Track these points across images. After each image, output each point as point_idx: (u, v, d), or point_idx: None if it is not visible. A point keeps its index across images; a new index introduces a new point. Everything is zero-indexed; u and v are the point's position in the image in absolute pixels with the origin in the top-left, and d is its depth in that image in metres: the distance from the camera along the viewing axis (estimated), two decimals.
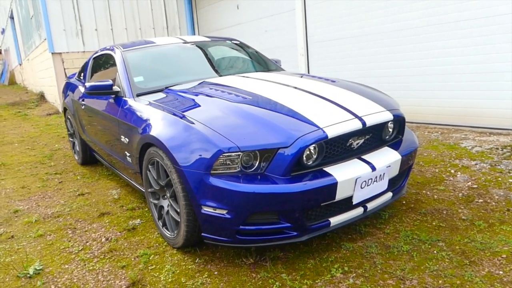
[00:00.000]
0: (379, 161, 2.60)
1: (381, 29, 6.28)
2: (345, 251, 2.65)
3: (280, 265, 2.55)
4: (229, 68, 3.94)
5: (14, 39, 19.65)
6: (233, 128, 2.48)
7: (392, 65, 6.23)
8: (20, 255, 2.96)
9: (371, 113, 2.66)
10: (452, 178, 3.71)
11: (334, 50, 7.22)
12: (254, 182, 2.33)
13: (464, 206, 3.16)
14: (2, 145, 7.17)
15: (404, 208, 3.21)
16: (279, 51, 8.57)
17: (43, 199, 4.15)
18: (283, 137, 2.37)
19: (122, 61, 3.79)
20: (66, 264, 2.78)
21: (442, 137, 5.04)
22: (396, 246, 2.65)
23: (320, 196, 2.38)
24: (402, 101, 6.08)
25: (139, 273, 2.59)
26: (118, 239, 3.09)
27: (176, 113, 2.78)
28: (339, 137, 2.51)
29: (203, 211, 2.44)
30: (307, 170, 2.45)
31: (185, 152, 2.49)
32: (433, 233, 2.79)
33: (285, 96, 2.87)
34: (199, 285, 2.42)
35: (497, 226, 2.81)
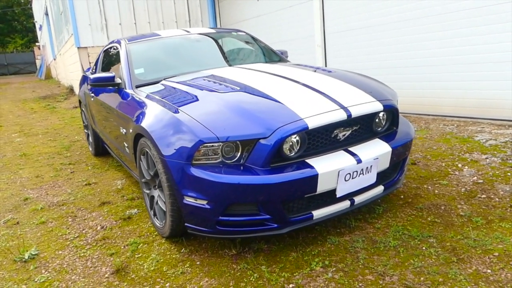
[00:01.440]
0: (366, 153, 2.52)
1: (399, 18, 6.06)
2: (330, 245, 2.60)
3: (262, 257, 2.53)
4: (230, 59, 3.92)
5: (49, 35, 20.45)
6: (216, 119, 2.47)
7: (409, 55, 6.01)
8: (20, 240, 3.09)
9: (358, 104, 2.58)
10: (458, 172, 3.55)
11: (352, 40, 7.05)
12: (233, 173, 2.32)
13: (465, 201, 3.02)
14: (28, 136, 7.49)
15: (400, 203, 3.11)
16: (296, 42, 8.47)
17: (53, 188, 4.31)
18: (262, 127, 2.34)
19: (125, 53, 3.85)
20: (60, 250, 2.88)
21: (457, 130, 4.83)
22: (384, 241, 2.57)
23: (299, 188, 2.34)
24: (419, 92, 5.89)
25: (125, 261, 2.65)
26: (113, 228, 3.17)
27: (166, 104, 2.80)
28: (322, 128, 2.45)
29: (185, 201, 2.46)
30: (288, 162, 2.41)
31: (168, 142, 2.50)
32: (426, 229, 2.69)
33: (274, 87, 2.83)
34: (179, 274, 2.44)
35: (496, 223, 2.67)
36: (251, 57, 4.12)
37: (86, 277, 2.51)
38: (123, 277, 2.46)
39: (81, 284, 2.44)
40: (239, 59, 3.99)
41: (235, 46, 4.36)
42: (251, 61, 3.99)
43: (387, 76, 6.43)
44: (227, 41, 4.40)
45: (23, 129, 8.20)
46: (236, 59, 3.98)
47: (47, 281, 2.50)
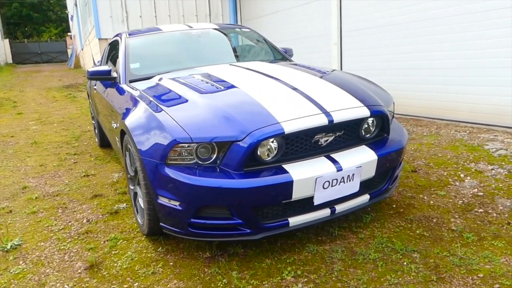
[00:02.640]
0: (347, 161, 2.41)
1: (416, 17, 5.82)
2: (307, 253, 2.50)
3: (235, 262, 2.47)
4: (228, 57, 3.85)
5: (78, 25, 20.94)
6: (193, 119, 2.42)
7: (426, 56, 5.76)
8: (8, 229, 3.14)
9: (342, 109, 2.46)
10: (459, 183, 3.36)
11: (369, 39, 6.84)
12: (204, 175, 2.26)
13: (460, 215, 2.85)
14: (44, 124, 7.67)
15: (391, 213, 2.97)
16: (313, 40, 8.30)
17: (53, 177, 4.38)
18: (237, 130, 2.27)
19: (124, 47, 3.84)
20: (42, 242, 2.91)
21: (468, 137, 4.59)
22: (364, 253, 2.45)
23: (272, 194, 2.25)
24: (434, 96, 5.66)
25: (101, 257, 2.64)
26: (98, 222, 3.17)
27: (151, 102, 2.75)
28: (302, 133, 2.35)
29: (159, 200, 2.42)
30: (264, 166, 2.33)
31: (145, 140, 2.47)
32: (412, 242, 2.55)
33: (260, 88, 2.74)
34: (150, 274, 2.41)
35: (488, 241, 2.50)
36: (251, 54, 4.04)
37: (60, 271, 2.52)
38: (95, 274, 2.45)
39: (53, 278, 2.44)
40: (238, 56, 3.91)
41: (237, 43, 4.28)
42: (250, 59, 3.91)
43: (403, 78, 6.21)
44: (229, 38, 4.33)
45: (41, 117, 8.41)
46: (235, 56, 3.90)
47: (21, 272, 2.52)
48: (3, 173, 4.66)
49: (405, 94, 6.20)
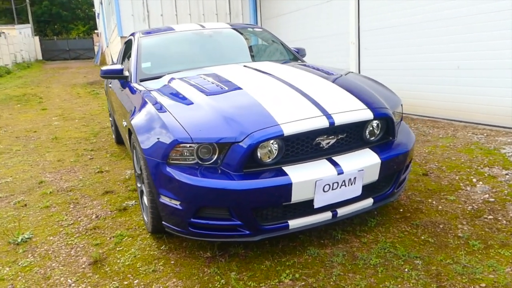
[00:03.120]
0: (349, 164, 2.37)
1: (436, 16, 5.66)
2: (308, 256, 2.49)
3: (235, 262, 2.48)
4: (238, 56, 3.85)
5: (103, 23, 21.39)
6: (195, 120, 2.44)
7: (446, 56, 5.61)
8: (21, 223, 3.25)
9: (345, 111, 2.42)
10: (470, 188, 3.27)
11: (387, 38, 6.71)
12: (204, 175, 2.28)
13: (468, 221, 2.77)
14: (66, 120, 7.89)
15: (397, 217, 2.92)
16: (331, 39, 8.21)
17: (68, 173, 4.50)
18: (237, 132, 2.27)
19: (136, 46, 3.91)
20: (52, 236, 3.00)
21: (484, 140, 4.45)
22: (365, 258, 2.42)
23: (271, 196, 2.25)
24: (451, 97, 5.51)
25: (105, 253, 2.70)
26: (106, 218, 3.24)
27: (156, 102, 2.79)
28: (302, 135, 2.33)
29: (161, 199, 2.45)
30: (264, 168, 2.33)
31: (149, 139, 2.50)
32: (416, 248, 2.50)
33: (263, 89, 2.74)
34: (150, 272, 2.45)
35: (495, 249, 2.43)
36: (262, 54, 4.04)
37: (65, 265, 2.59)
38: (98, 269, 2.51)
39: (58, 272, 2.51)
40: (249, 56, 3.91)
41: (248, 42, 4.28)
42: (260, 58, 3.90)
43: (421, 78, 6.07)
44: (241, 37, 4.33)
45: (64, 113, 8.65)
46: (245, 56, 3.90)
47: (29, 265, 2.60)
48: (22, 167, 4.82)
49: (423, 95, 6.07)
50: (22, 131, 6.97)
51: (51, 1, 45.14)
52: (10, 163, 5.04)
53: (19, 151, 5.63)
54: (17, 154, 5.47)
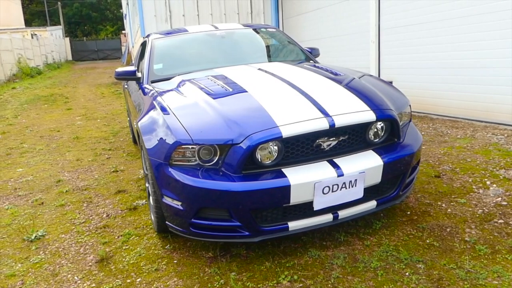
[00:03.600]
0: (350, 166, 2.35)
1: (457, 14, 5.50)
2: (309, 258, 2.48)
3: (236, 263, 2.50)
4: (248, 57, 3.85)
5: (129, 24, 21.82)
6: (198, 122, 2.47)
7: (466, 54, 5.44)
8: (36, 220, 3.38)
9: (346, 113, 2.40)
10: (482, 190, 3.17)
11: (407, 37, 6.56)
12: (204, 176, 2.31)
13: (476, 225, 2.69)
14: (88, 120, 8.12)
15: (404, 219, 2.86)
16: (351, 38, 8.10)
17: (85, 172, 4.64)
18: (236, 133, 2.29)
19: (150, 48, 3.99)
20: (64, 234, 3.10)
21: (504, 141, 4.30)
22: (366, 261, 2.39)
23: (270, 198, 2.26)
24: (472, 96, 5.35)
25: (112, 251, 2.77)
26: (117, 217, 3.33)
27: (162, 104, 2.83)
28: (302, 137, 2.33)
29: (164, 200, 2.50)
30: (264, 169, 2.34)
31: (153, 141, 2.56)
32: (420, 252, 2.45)
33: (267, 91, 2.74)
34: (153, 271, 2.50)
35: (502, 255, 2.35)
36: (274, 55, 4.04)
37: (74, 263, 2.68)
38: (103, 267, 2.58)
39: (66, 269, 2.61)
40: (260, 57, 3.91)
41: (260, 43, 4.29)
42: (272, 59, 3.89)
43: (441, 77, 5.91)
44: (253, 38, 4.35)
45: (87, 113, 8.90)
46: (256, 57, 3.90)
47: (39, 262, 2.71)
48: (43, 166, 5.01)
49: (444, 94, 5.91)
50: (46, 131, 7.23)
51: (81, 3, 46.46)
52: (32, 162, 5.24)
53: (41, 150, 5.85)
54: (40, 153, 5.68)
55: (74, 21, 47.18)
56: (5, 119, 8.76)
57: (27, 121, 8.40)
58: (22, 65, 19.01)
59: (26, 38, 23.34)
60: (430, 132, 5.11)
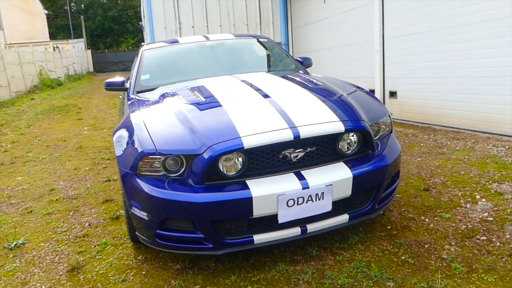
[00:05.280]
0: (316, 179, 2.29)
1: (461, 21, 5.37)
2: (276, 273, 2.41)
3: (202, 276, 2.45)
4: (234, 68, 3.83)
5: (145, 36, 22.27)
6: (164, 132, 2.47)
7: (471, 64, 5.29)
8: (21, 228, 3.42)
9: (312, 124, 2.34)
10: (470, 205, 3.04)
11: (411, 46, 6.45)
12: (167, 187, 2.29)
13: (457, 242, 2.57)
14: (95, 130, 8.26)
15: (382, 234, 2.76)
16: (357, 47, 8.03)
17: (80, 181, 4.69)
18: (199, 144, 2.27)
19: (139, 59, 4.04)
20: (43, 242, 3.12)
21: (504, 153, 4.13)
22: (334, 277, 2.31)
23: (231, 210, 2.21)
24: (476, 107, 5.19)
25: (85, 261, 2.77)
26: (98, 226, 3.34)
27: (138, 114, 2.84)
28: (266, 148, 2.28)
29: (132, 210, 2.49)
30: (228, 181, 2.30)
31: (122, 151, 2.56)
32: (392, 269, 2.35)
33: (238, 102, 2.71)
34: (120, 282, 2.48)
35: (478, 274, 2.23)
36: (260, 65, 4.01)
37: (45, 271, 2.69)
38: (72, 277, 2.58)
39: (36, 278, 2.61)
40: (246, 67, 3.87)
41: (250, 53, 4.28)
42: (259, 69, 3.85)
43: (445, 86, 5.78)
44: (244, 48, 4.34)
45: (96, 123, 9.06)
46: (243, 67, 3.87)
47: (13, 270, 2.73)
48: (41, 175, 5.09)
49: (447, 104, 5.75)
50: (53, 140, 7.38)
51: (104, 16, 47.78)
52: (32, 171, 5.34)
53: (44, 159, 5.96)
54: (42, 162, 5.79)
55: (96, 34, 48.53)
56: (18, 128, 9.00)
57: (38, 130, 8.60)
58: (43, 76, 19.59)
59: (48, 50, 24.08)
60: (429, 143, 4.96)
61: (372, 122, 2.59)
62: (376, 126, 2.67)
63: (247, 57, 4.17)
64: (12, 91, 15.22)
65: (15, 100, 14.43)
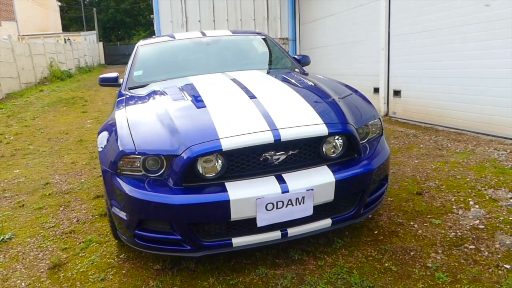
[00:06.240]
0: (296, 183, 2.23)
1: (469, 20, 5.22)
2: (255, 276, 2.37)
3: (181, 277, 2.42)
4: (227, 65, 3.77)
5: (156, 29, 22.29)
6: (146, 132, 2.43)
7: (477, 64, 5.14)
8: (10, 223, 3.43)
9: (294, 126, 2.28)
10: (462, 211, 2.95)
11: (417, 44, 6.31)
12: (147, 188, 2.26)
13: (444, 250, 2.49)
14: (98, 123, 8.26)
15: (368, 239, 2.70)
16: (363, 44, 7.90)
17: (75, 176, 4.70)
18: (177, 144, 2.23)
19: (133, 54, 4.01)
20: (29, 238, 3.12)
21: (504, 158, 4.01)
22: (313, 283, 2.26)
23: (208, 212, 2.17)
24: (480, 108, 5.06)
25: (68, 258, 2.76)
26: (86, 222, 3.33)
27: (122, 110, 2.80)
28: (246, 150, 2.23)
29: (112, 209, 2.47)
30: (207, 182, 2.25)
31: (104, 150, 2.53)
32: (373, 276, 2.29)
33: (223, 102, 2.66)
34: (99, 280, 2.46)
35: (462, 285, 2.16)
36: (254, 63, 3.93)
37: (27, 268, 2.68)
38: (52, 275, 2.57)
39: (18, 274, 2.61)
40: (239, 65, 3.80)
41: (245, 50, 4.21)
42: (252, 67, 3.78)
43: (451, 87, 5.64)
44: (239, 45, 4.27)
45: (99, 116, 9.08)
46: (236, 65, 3.80)
47: None
48: (39, 168, 5.12)
49: (451, 105, 5.62)
50: (56, 133, 7.42)
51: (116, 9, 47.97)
52: (31, 164, 5.37)
53: (44, 152, 5.99)
54: (41, 155, 5.82)
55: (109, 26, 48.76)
56: (24, 120, 9.07)
57: (42, 123, 8.66)
58: (54, 68, 19.73)
59: (59, 42, 24.25)
60: (429, 145, 4.85)
61: (359, 125, 2.52)
62: (364, 129, 2.60)
63: (242, 54, 4.10)
64: (22, 82, 15.35)
65: (24, 91, 14.56)
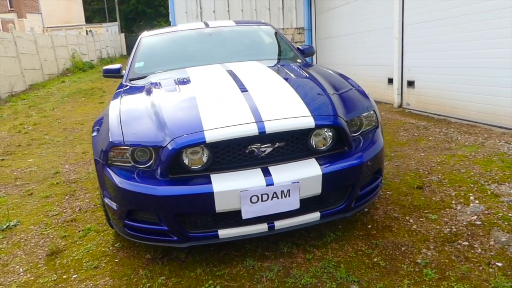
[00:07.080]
0: (282, 176, 2.22)
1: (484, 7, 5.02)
2: (242, 268, 2.39)
3: (170, 267, 2.46)
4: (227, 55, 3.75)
5: None
6: (135, 123, 2.47)
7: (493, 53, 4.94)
8: (17, 210, 3.55)
9: (279, 118, 2.26)
10: (461, 206, 2.87)
11: (431, 33, 6.11)
12: (135, 179, 2.29)
13: (436, 246, 2.44)
14: None
15: (360, 233, 2.67)
16: (377, 33, 7.72)
17: (84, 165, 4.81)
18: (163, 136, 2.25)
19: (136, 46, 4.05)
20: (33, 225, 3.23)
21: None
22: (298, 276, 2.26)
23: (192, 204, 2.20)
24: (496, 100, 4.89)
25: (66, 245, 2.84)
26: (87, 211, 3.41)
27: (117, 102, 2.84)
28: (231, 142, 2.23)
29: (104, 199, 2.53)
30: (193, 174, 2.27)
31: (97, 140, 2.59)
32: (360, 271, 2.27)
33: (213, 94, 2.67)
34: (92, 268, 2.53)
35: (449, 282, 2.11)
36: (254, 53, 3.90)
37: (27, 254, 2.78)
38: (49, 262, 2.65)
39: (17, 260, 2.71)
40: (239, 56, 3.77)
41: (247, 41, 4.18)
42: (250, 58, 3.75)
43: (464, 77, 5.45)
44: (242, 36, 4.25)
45: None
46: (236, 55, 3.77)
47: None
48: (51, 158, 5.27)
49: (465, 96, 5.44)
50: (72, 123, 7.60)
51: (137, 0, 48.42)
52: (44, 153, 5.53)
53: (58, 142, 6.15)
54: (55, 145, 5.98)
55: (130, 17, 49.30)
56: (43, 111, 9.32)
57: (61, 113, 8.88)
58: (76, 59, 20.13)
59: (81, 34, 24.70)
60: (438, 137, 4.73)
61: (350, 117, 2.48)
62: (357, 121, 2.56)
63: (243, 45, 4.07)
64: (44, 73, 15.74)
65: (47, 82, 14.94)
